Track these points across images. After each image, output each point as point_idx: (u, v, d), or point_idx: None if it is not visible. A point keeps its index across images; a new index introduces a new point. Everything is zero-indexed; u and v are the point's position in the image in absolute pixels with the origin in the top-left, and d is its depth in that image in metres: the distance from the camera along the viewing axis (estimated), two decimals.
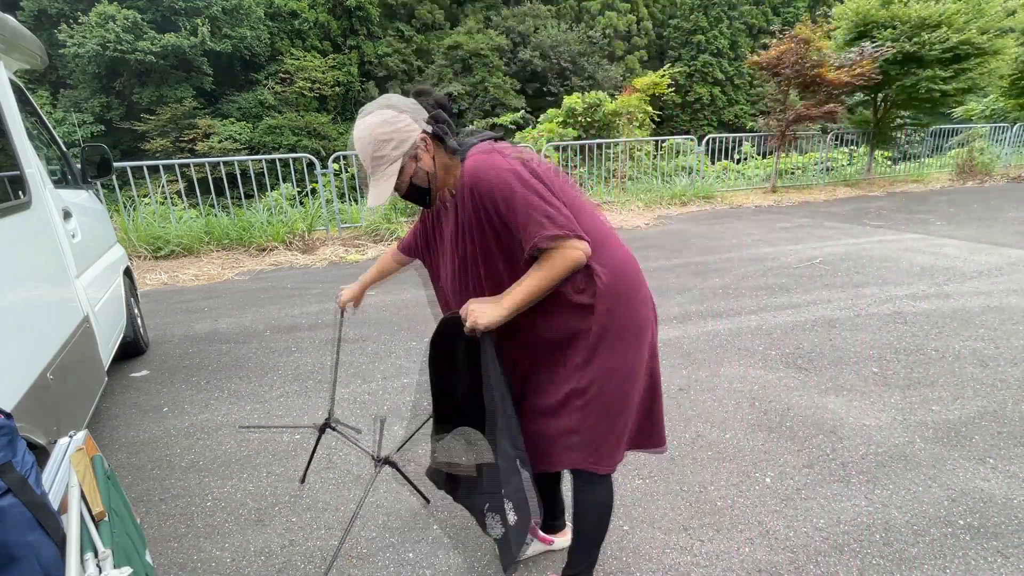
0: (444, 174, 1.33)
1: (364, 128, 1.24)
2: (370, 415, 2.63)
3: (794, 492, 1.99)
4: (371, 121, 1.23)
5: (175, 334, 3.83)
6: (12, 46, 2.19)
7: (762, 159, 13.44)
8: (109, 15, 21.64)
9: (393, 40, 28.81)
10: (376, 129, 1.22)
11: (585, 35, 30.40)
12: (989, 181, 11.33)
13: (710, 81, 32.54)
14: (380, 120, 1.23)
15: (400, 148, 1.23)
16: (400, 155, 1.24)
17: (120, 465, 2.30)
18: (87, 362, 2.25)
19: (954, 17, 9.43)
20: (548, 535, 1.75)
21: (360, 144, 1.25)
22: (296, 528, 1.89)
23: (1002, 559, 1.65)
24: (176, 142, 22.87)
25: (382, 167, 1.24)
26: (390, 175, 1.25)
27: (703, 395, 2.72)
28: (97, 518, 1.11)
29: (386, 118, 1.23)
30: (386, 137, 1.22)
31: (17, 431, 1.01)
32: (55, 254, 2.17)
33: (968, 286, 4.28)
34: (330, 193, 7.11)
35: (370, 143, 1.23)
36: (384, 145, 1.23)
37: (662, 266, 5.22)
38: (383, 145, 1.23)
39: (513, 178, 1.20)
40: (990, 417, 2.44)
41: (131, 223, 6.22)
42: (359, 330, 3.77)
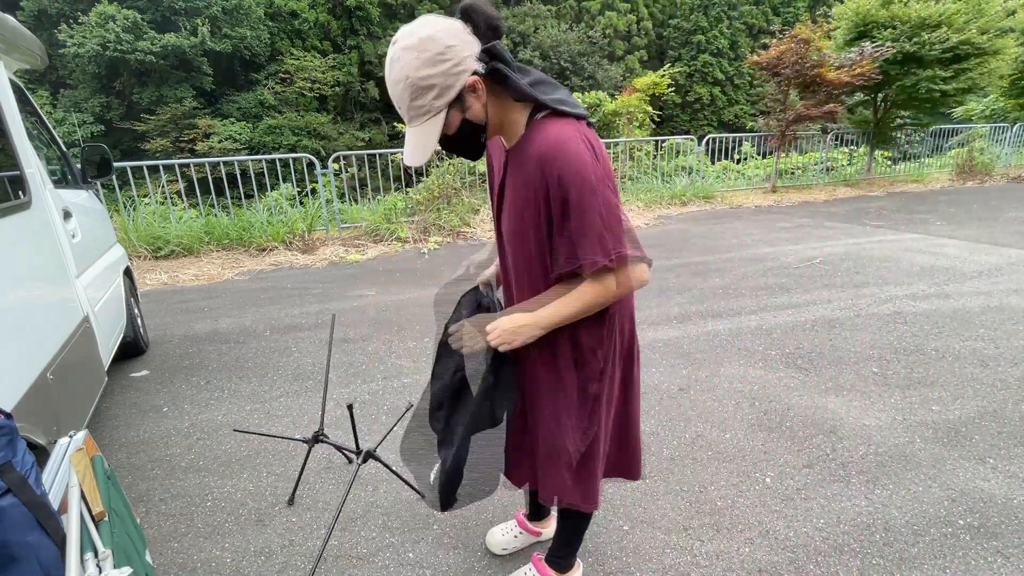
0: (500, 122, 1.10)
1: (400, 68, 0.98)
2: (370, 415, 2.63)
3: (794, 492, 1.99)
4: (408, 61, 0.97)
5: (175, 334, 3.83)
6: (12, 46, 2.19)
7: (762, 159, 13.44)
8: (109, 15, 21.63)
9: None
10: (414, 72, 0.97)
11: (585, 35, 30.41)
12: (989, 181, 11.33)
13: (710, 81, 32.54)
14: (419, 60, 0.96)
15: (444, 96, 0.99)
16: (444, 104, 1.00)
17: (120, 465, 2.30)
18: (87, 362, 2.25)
19: (954, 17, 9.43)
20: (535, 527, 1.76)
21: (394, 88, 1.00)
22: (296, 528, 1.89)
23: (1002, 559, 1.65)
24: (176, 142, 22.87)
25: (421, 118, 1.01)
26: (431, 130, 1.02)
27: (703, 395, 2.72)
28: (97, 518, 1.11)
29: (428, 56, 0.96)
30: (427, 83, 0.97)
31: (17, 431, 1.01)
32: (55, 254, 2.17)
33: (968, 286, 4.28)
34: (330, 193, 7.11)
35: (407, 89, 0.98)
36: (424, 93, 0.98)
37: (662, 266, 5.22)
38: (422, 93, 0.98)
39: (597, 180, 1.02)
40: (990, 417, 2.44)
41: (131, 223, 6.22)
42: (359, 330, 3.77)
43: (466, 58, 0.99)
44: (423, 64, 0.97)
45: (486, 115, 1.07)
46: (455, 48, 0.97)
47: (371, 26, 28.17)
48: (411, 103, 1.00)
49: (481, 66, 1.01)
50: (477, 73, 1.01)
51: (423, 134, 1.02)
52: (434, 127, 1.02)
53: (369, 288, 4.84)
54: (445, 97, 1.00)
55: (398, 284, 4.94)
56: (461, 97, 1.02)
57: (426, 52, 0.96)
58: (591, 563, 1.69)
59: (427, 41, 0.96)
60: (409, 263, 5.77)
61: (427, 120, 1.02)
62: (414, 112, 1.01)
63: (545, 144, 1.03)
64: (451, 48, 0.97)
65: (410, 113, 1.02)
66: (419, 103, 1.00)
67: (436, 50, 0.96)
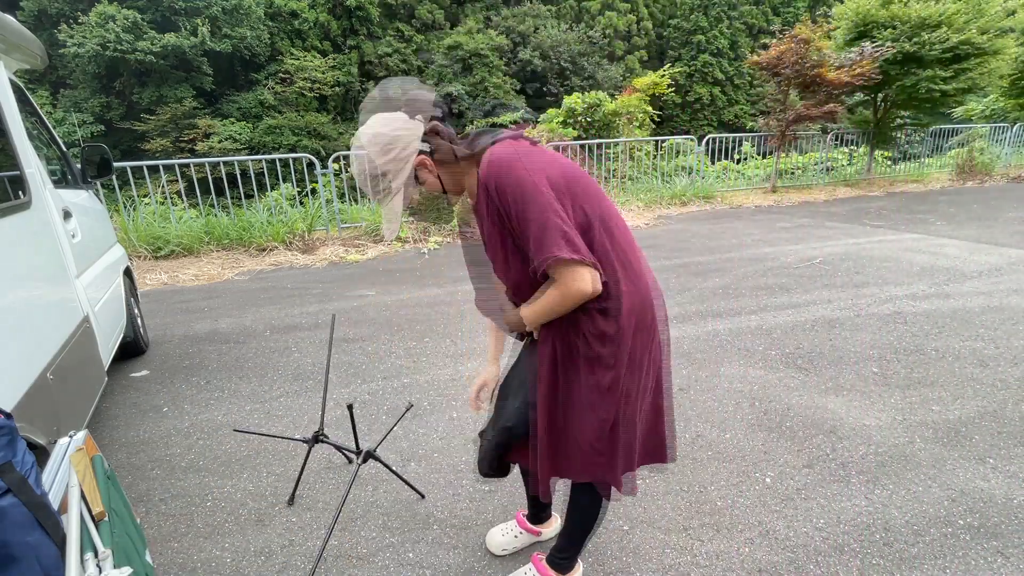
0: (458, 182, 1.27)
1: (358, 163, 1.19)
2: (370, 415, 2.63)
3: (794, 492, 1.99)
4: (362, 156, 1.18)
5: (175, 334, 3.83)
6: (12, 46, 2.19)
7: (762, 159, 13.44)
8: (109, 15, 21.65)
9: (393, 40, 28.81)
10: (369, 163, 1.17)
11: (585, 35, 30.41)
12: (989, 181, 11.33)
13: (710, 81, 32.55)
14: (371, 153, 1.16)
15: (399, 177, 1.18)
16: (400, 185, 1.19)
17: (120, 465, 2.30)
18: (87, 362, 2.25)
19: (954, 17, 9.43)
20: (536, 527, 1.77)
21: (358, 179, 1.21)
22: (296, 528, 1.89)
23: (1002, 559, 1.66)
24: (176, 142, 22.88)
25: (386, 199, 1.21)
26: (395, 206, 1.21)
27: (703, 395, 2.72)
28: (97, 518, 1.11)
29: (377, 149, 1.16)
30: (380, 171, 1.17)
31: (17, 431, 1.01)
32: (55, 254, 2.17)
33: (968, 286, 4.28)
34: (330, 193, 7.11)
35: (367, 179, 1.19)
36: (380, 179, 1.18)
37: (662, 266, 5.22)
38: (379, 180, 1.18)
39: (531, 187, 1.11)
40: (990, 417, 2.44)
41: (131, 223, 6.22)
42: (359, 330, 3.77)
43: (411, 143, 1.18)
44: (375, 156, 1.16)
45: (441, 183, 1.25)
46: (400, 138, 1.17)
47: (371, 26, 28.18)
48: (373, 189, 1.20)
49: (426, 146, 1.20)
50: (423, 152, 1.20)
51: (391, 211, 1.21)
52: (397, 204, 1.21)
53: (369, 288, 4.84)
54: (400, 178, 1.19)
55: (398, 284, 4.95)
56: (415, 175, 1.21)
57: (376, 146, 1.16)
58: (591, 563, 1.69)
59: (376, 137, 1.16)
60: (409, 263, 5.78)
61: (390, 199, 1.20)
62: (379, 195, 1.21)
63: (484, 170, 1.16)
64: (396, 139, 1.16)
65: (376, 196, 1.22)
66: (380, 187, 1.19)
67: (383, 143, 1.16)
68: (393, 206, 1.20)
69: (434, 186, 1.24)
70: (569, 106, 10.46)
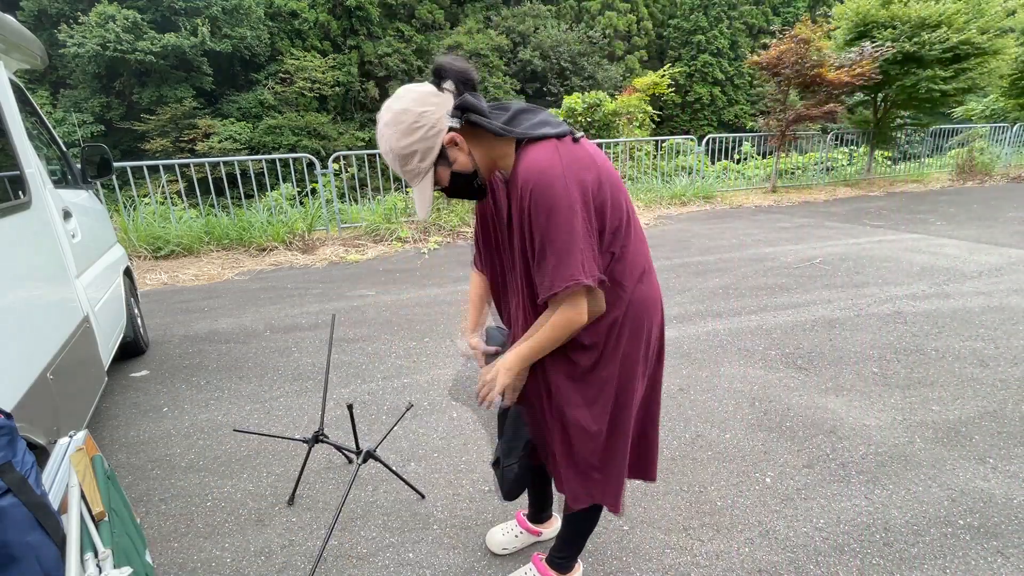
0: (490, 162, 1.17)
1: (385, 143, 1.10)
2: (370, 415, 2.63)
3: (794, 492, 1.99)
4: (388, 135, 1.09)
5: (175, 334, 3.83)
6: (12, 46, 2.19)
7: (762, 159, 13.44)
8: (109, 15, 21.64)
9: (393, 40, 28.80)
10: (396, 143, 1.08)
11: (585, 35, 30.41)
12: (989, 181, 11.33)
13: (710, 81, 32.55)
14: (397, 132, 1.08)
15: (428, 158, 1.10)
16: (430, 165, 1.11)
17: (120, 465, 2.30)
18: (87, 362, 2.25)
19: (954, 17, 9.43)
20: (536, 526, 1.77)
21: (386, 159, 1.14)
22: (296, 528, 1.89)
23: (1002, 559, 1.65)
24: (176, 142, 22.88)
25: (415, 180, 1.13)
26: (425, 187, 1.13)
27: (703, 395, 2.72)
28: (97, 518, 1.11)
29: (403, 127, 1.07)
30: (409, 150, 1.08)
31: (17, 431, 1.01)
32: (55, 254, 2.17)
33: (968, 286, 4.28)
34: (330, 193, 7.11)
35: (395, 159, 1.11)
36: (409, 159, 1.10)
37: (662, 266, 5.22)
38: (408, 160, 1.10)
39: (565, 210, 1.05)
40: (990, 417, 2.44)
41: (131, 223, 6.22)
42: (359, 330, 3.77)
43: (439, 119, 1.08)
44: (401, 135, 1.07)
45: (473, 162, 1.15)
46: (427, 113, 1.07)
47: (371, 26, 28.17)
48: (402, 169, 1.12)
49: (456, 121, 1.10)
50: (453, 129, 1.10)
51: (421, 192, 1.14)
52: (427, 184, 1.13)
53: (369, 288, 4.84)
54: (429, 158, 1.10)
55: (398, 284, 4.94)
56: (444, 153, 1.11)
57: (401, 124, 1.07)
58: (591, 563, 1.69)
59: (401, 114, 1.07)
60: (409, 263, 5.77)
61: (420, 180, 1.13)
62: (408, 176, 1.13)
63: (523, 171, 1.09)
64: (424, 115, 1.07)
65: (406, 177, 1.14)
66: (409, 168, 1.11)
67: (410, 120, 1.07)
68: (423, 187, 1.13)
69: (465, 165, 1.14)
70: (569, 106, 10.46)
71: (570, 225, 1.06)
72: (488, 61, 28.30)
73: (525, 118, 1.13)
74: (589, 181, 1.09)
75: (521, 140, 1.12)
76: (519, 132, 1.10)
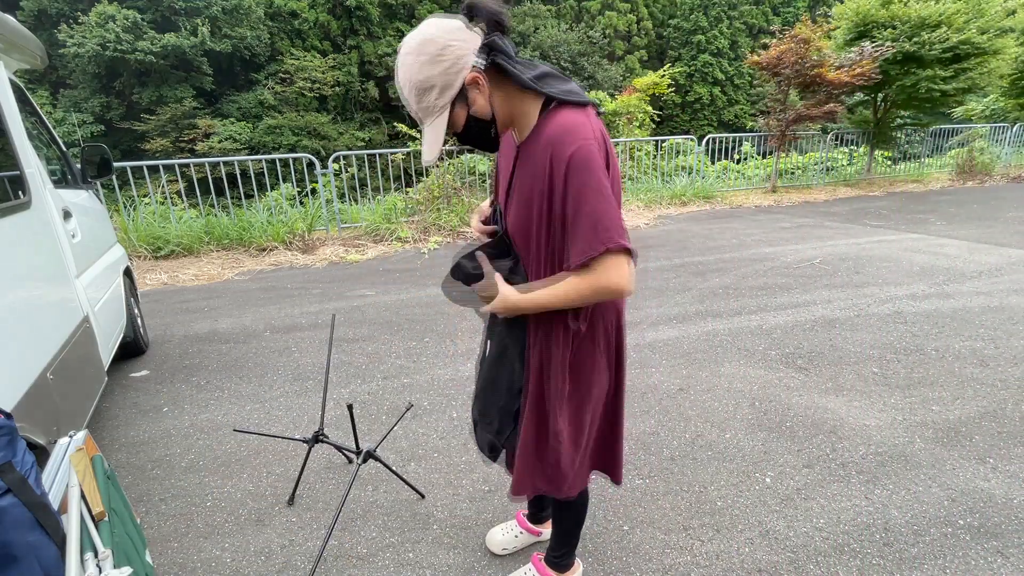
0: (508, 115, 1.11)
1: (404, 72, 1.02)
2: (370, 415, 2.63)
3: (794, 492, 1.99)
4: (409, 64, 1.01)
5: (175, 334, 3.83)
6: (12, 46, 2.19)
7: (762, 159, 13.44)
8: (109, 15, 21.64)
9: (393, 40, 28.77)
10: (416, 74, 1.01)
11: (585, 35, 30.41)
12: (989, 181, 11.33)
13: (710, 81, 32.55)
14: (419, 62, 1.00)
15: (446, 94, 1.02)
16: (447, 102, 1.03)
17: (120, 465, 2.30)
18: (87, 362, 2.25)
19: (954, 17, 9.43)
20: (536, 526, 1.77)
21: (402, 92, 1.05)
22: (296, 528, 1.89)
23: (1002, 559, 1.65)
24: (176, 142, 22.88)
25: (429, 117, 1.05)
26: (438, 127, 1.05)
27: (703, 395, 2.72)
28: (97, 518, 1.11)
29: (426, 57, 1.00)
30: (428, 83, 1.01)
31: (17, 431, 1.02)
32: (55, 254, 2.17)
33: (968, 286, 4.28)
34: (330, 193, 7.11)
35: (412, 91, 1.03)
36: (427, 93, 1.02)
37: (662, 266, 5.22)
38: (426, 93, 1.02)
39: (598, 179, 1.01)
40: (990, 417, 2.44)
41: (131, 223, 6.22)
42: (359, 330, 3.77)
43: (465, 55, 1.01)
44: (423, 66, 1.00)
45: (492, 108, 1.08)
46: (453, 47, 1.00)
47: (371, 26, 28.17)
48: (418, 104, 1.04)
49: (481, 61, 1.03)
50: (477, 68, 1.03)
51: (433, 131, 1.05)
52: (441, 124, 1.05)
53: (369, 288, 4.84)
54: (447, 95, 1.03)
55: (398, 284, 4.94)
56: (464, 93, 1.04)
57: (424, 54, 1.00)
58: (591, 563, 1.69)
59: (425, 43, 1.00)
60: (409, 263, 5.77)
61: (434, 118, 1.05)
62: (422, 112, 1.05)
63: (555, 130, 1.04)
64: (449, 47, 1.00)
65: (419, 114, 1.06)
66: (424, 104, 1.03)
67: (434, 51, 1.00)
68: (436, 126, 1.05)
69: (483, 110, 1.07)
70: None
71: (606, 191, 1.02)
72: None
73: (553, 81, 1.09)
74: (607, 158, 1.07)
75: (551, 101, 1.07)
76: (551, 91, 1.06)
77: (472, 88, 1.05)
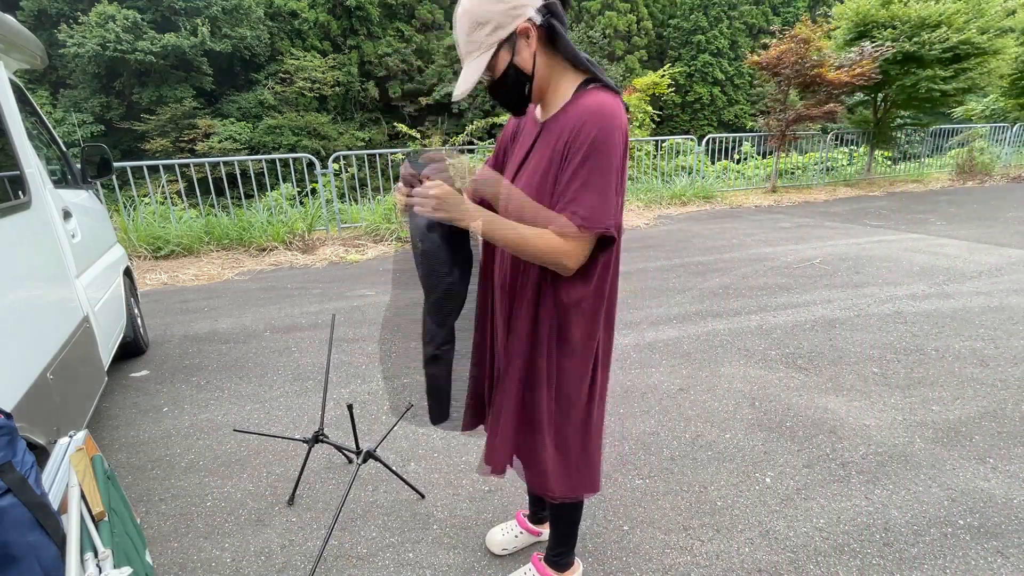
0: (545, 82, 1.14)
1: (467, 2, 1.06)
2: (370, 415, 2.63)
3: (794, 492, 1.99)
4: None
5: (175, 334, 3.83)
6: (12, 46, 2.19)
7: (762, 159, 13.44)
8: (109, 15, 21.64)
9: (393, 40, 28.79)
10: (477, 6, 1.04)
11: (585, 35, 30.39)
12: (989, 181, 11.33)
13: (710, 81, 32.54)
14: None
15: (497, 33, 1.05)
16: (496, 41, 1.05)
17: (120, 465, 2.30)
18: (87, 362, 2.24)
19: (954, 17, 9.44)
20: (536, 527, 1.77)
21: (458, 21, 1.07)
22: (296, 528, 1.89)
23: (1002, 559, 1.66)
24: (176, 142, 22.88)
25: (473, 52, 1.07)
26: (479, 64, 1.07)
27: (703, 395, 2.72)
28: (97, 518, 1.11)
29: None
30: (484, 18, 1.04)
31: (17, 431, 1.01)
32: (55, 254, 2.17)
33: (968, 286, 4.28)
34: (330, 193, 7.11)
35: (467, 21, 1.05)
36: (480, 27, 1.05)
37: (662, 266, 5.22)
38: (479, 27, 1.05)
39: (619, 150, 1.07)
40: (990, 417, 2.44)
41: (131, 223, 6.22)
42: (359, 330, 3.77)
43: (526, 4, 1.04)
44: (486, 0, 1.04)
45: (533, 65, 1.10)
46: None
47: (371, 26, 28.17)
48: (468, 36, 1.06)
49: (538, 18, 1.06)
50: (532, 22, 1.06)
51: (473, 68, 1.08)
52: (482, 62, 1.07)
53: (369, 288, 4.84)
54: (498, 34, 1.05)
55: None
56: (513, 39, 1.07)
57: None
58: (591, 563, 1.69)
59: None
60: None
61: (478, 54, 1.07)
62: (470, 46, 1.07)
63: (591, 105, 1.07)
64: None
65: (466, 47, 1.08)
66: (474, 37, 1.06)
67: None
68: (478, 62, 1.07)
69: (527, 63, 1.09)
70: None
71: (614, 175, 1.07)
72: None
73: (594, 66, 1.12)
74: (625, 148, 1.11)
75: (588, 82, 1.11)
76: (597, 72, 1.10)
77: (522, 38, 1.07)
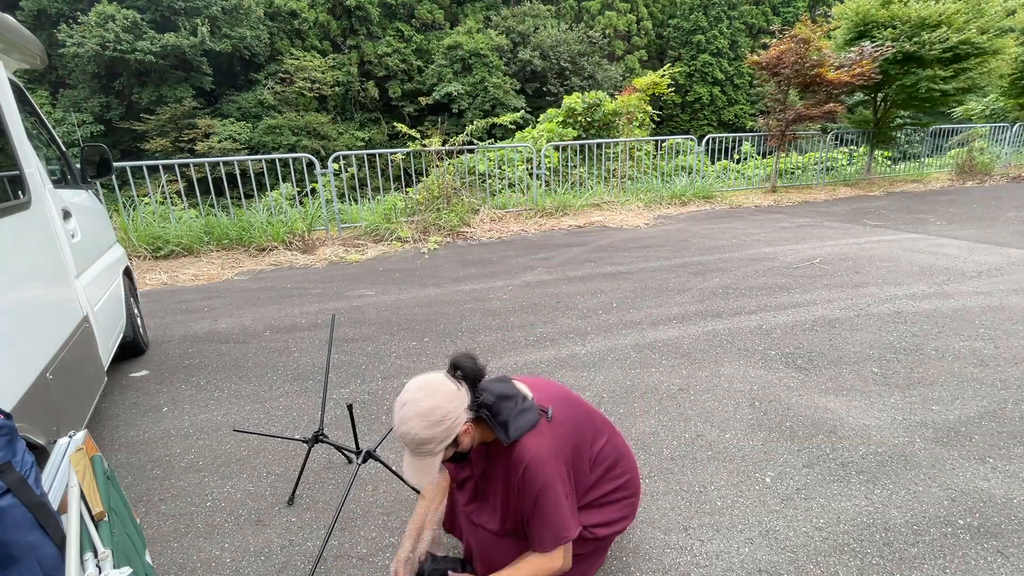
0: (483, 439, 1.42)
1: (409, 428, 1.25)
2: (370, 415, 2.63)
3: (794, 492, 1.99)
4: (415, 424, 1.25)
5: (175, 334, 3.83)
6: (12, 46, 2.19)
7: (762, 159, 13.43)
8: (109, 15, 21.65)
9: (393, 40, 28.80)
10: (421, 432, 1.25)
11: (585, 35, 30.41)
12: (989, 181, 11.33)
13: (710, 81, 32.56)
14: (424, 423, 1.25)
15: (443, 444, 1.28)
16: (443, 449, 1.29)
17: (120, 465, 2.30)
18: (87, 362, 2.24)
19: (954, 17, 9.43)
20: None
21: (404, 436, 1.27)
22: (296, 528, 1.89)
23: (1002, 559, 1.66)
24: (176, 142, 22.89)
25: (424, 456, 1.29)
26: (432, 463, 1.29)
27: (703, 395, 2.72)
28: (97, 518, 1.11)
29: (431, 421, 1.25)
30: (430, 436, 1.26)
31: (17, 431, 1.02)
32: (55, 254, 2.17)
33: (968, 286, 4.28)
34: (330, 193, 7.11)
35: (414, 438, 1.26)
36: (427, 443, 1.26)
37: (662, 266, 5.22)
38: (426, 442, 1.26)
39: (557, 482, 1.33)
40: (990, 417, 2.44)
41: (131, 223, 6.22)
42: (359, 330, 3.77)
43: (460, 415, 1.29)
44: (428, 427, 1.25)
45: (472, 443, 1.38)
46: (453, 412, 1.28)
47: (371, 26, 28.18)
48: (417, 447, 1.27)
49: (470, 415, 1.32)
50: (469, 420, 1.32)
51: (427, 467, 1.30)
52: (434, 461, 1.30)
53: (369, 288, 4.84)
54: (443, 444, 1.28)
55: (398, 284, 4.94)
56: (456, 440, 1.31)
57: (430, 418, 1.25)
58: None
59: (432, 410, 1.26)
60: (409, 263, 5.77)
61: (429, 458, 1.29)
62: (419, 453, 1.29)
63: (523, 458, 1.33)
64: (449, 412, 1.27)
65: (415, 454, 1.29)
66: (424, 449, 1.27)
67: (437, 417, 1.26)
68: (430, 464, 1.29)
69: (467, 447, 1.36)
70: (569, 106, 10.46)
71: (558, 496, 1.33)
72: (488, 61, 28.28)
73: (506, 406, 1.35)
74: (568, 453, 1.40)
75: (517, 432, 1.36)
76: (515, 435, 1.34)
77: (463, 435, 1.32)
